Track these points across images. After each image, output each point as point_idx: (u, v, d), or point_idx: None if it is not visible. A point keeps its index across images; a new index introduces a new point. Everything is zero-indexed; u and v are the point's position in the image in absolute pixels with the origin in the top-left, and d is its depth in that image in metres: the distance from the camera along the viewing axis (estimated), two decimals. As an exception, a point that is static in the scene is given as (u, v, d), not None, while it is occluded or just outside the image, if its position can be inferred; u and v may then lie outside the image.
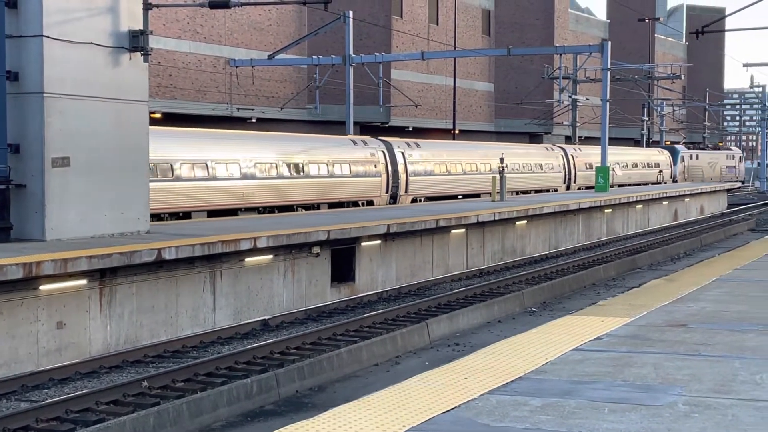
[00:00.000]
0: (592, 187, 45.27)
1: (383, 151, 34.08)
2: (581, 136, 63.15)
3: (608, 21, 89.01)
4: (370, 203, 32.77)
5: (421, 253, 23.86)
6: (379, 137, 36.08)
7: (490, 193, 36.91)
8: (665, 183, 60.94)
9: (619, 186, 52.00)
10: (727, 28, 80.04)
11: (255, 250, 17.81)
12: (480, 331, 17.67)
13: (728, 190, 58.57)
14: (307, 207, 29.54)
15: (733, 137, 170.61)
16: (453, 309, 18.98)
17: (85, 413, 11.53)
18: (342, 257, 20.81)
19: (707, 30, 29.58)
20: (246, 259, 17.91)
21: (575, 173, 49.18)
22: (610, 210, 37.02)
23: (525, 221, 29.31)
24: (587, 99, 60.89)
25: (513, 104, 63.12)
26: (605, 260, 28.69)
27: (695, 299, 11.41)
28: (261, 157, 27.85)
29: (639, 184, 55.48)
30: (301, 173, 29.41)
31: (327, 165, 30.70)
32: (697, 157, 73.45)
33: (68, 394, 12.42)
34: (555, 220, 31.77)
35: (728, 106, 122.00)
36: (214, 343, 16.15)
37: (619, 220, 38.43)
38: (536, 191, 44.12)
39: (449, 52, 51.30)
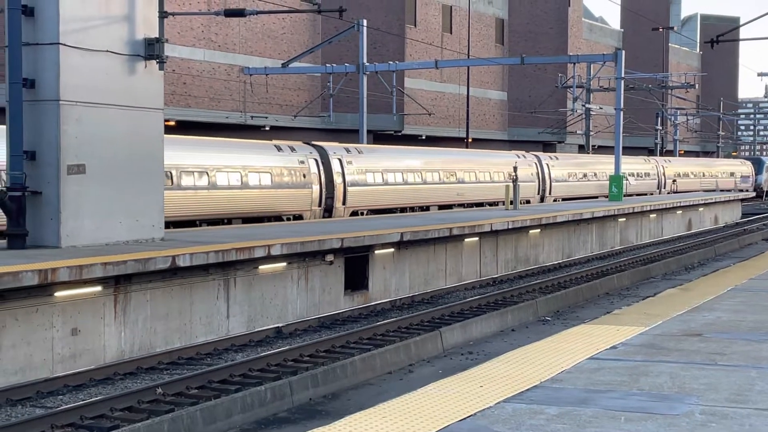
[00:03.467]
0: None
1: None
2: (595, 145, 63.08)
3: (622, 30, 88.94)
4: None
5: (435, 261, 23.84)
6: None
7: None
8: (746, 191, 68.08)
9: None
10: (741, 37, 79.84)
11: (269, 258, 17.84)
12: (493, 340, 17.63)
13: (742, 200, 58.37)
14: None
15: (747, 147, 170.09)
16: (466, 317, 18.95)
17: (99, 420, 11.55)
18: (355, 265, 20.81)
19: (721, 39, 29.53)
20: (260, 267, 17.93)
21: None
22: (624, 219, 36.93)
23: (538, 230, 29.27)
24: (601, 108, 60.85)
25: (526, 113, 63.13)
26: (619, 269, 28.61)
27: (710, 309, 11.37)
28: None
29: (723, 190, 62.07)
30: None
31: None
32: None
33: (83, 400, 12.44)
34: (568, 228, 31.71)
35: (742, 116, 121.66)
36: (228, 351, 16.16)
37: (633, 229, 38.34)
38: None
39: (463, 61, 51.33)
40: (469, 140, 55.62)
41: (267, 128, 47.53)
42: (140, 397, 12.35)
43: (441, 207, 36.91)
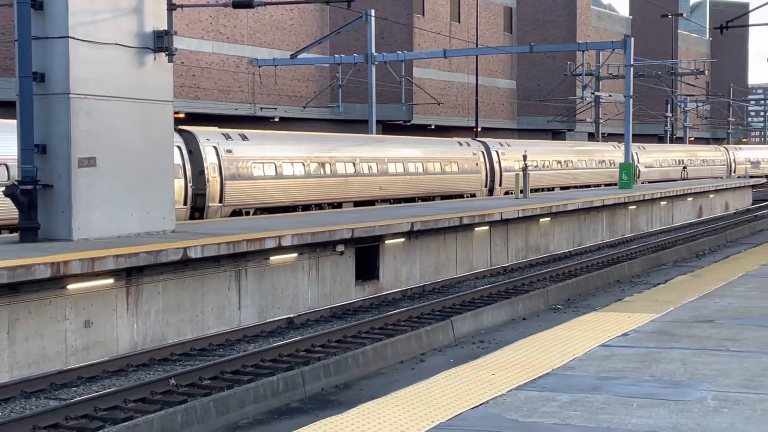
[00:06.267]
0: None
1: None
2: (604, 133, 62.92)
3: (631, 17, 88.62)
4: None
5: (445, 250, 23.85)
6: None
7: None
8: None
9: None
10: (750, 22, 79.49)
11: (280, 249, 17.87)
12: (505, 329, 17.64)
13: (753, 186, 58.27)
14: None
15: (757, 133, 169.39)
16: (477, 306, 18.96)
17: (113, 411, 11.62)
18: (366, 255, 20.84)
19: (731, 25, 29.42)
20: (271, 258, 17.97)
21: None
22: (634, 207, 36.87)
23: (549, 218, 29.25)
24: (610, 95, 60.66)
25: (535, 101, 62.98)
26: (630, 257, 28.57)
27: (722, 295, 11.36)
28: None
29: None
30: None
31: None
32: None
33: (96, 392, 12.51)
34: (579, 217, 31.67)
35: (752, 102, 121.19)
36: (240, 341, 16.21)
37: (643, 216, 38.27)
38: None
39: (471, 50, 51.23)
40: (479, 129, 55.54)
41: (276, 120, 47.56)
42: (153, 389, 12.41)
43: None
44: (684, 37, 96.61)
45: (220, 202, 26.23)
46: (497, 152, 40.85)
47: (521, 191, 33.68)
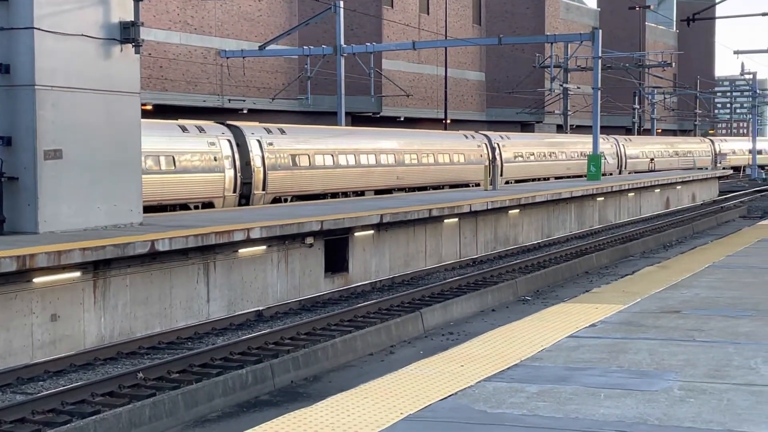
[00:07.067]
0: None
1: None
2: (573, 125, 63.24)
3: (599, 9, 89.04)
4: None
5: (414, 242, 23.88)
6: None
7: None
8: None
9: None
10: (717, 15, 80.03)
11: (248, 241, 17.81)
12: (474, 320, 17.70)
13: (719, 178, 58.82)
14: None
15: (724, 125, 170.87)
16: (447, 298, 19.00)
17: (81, 405, 11.54)
18: (335, 247, 20.82)
19: (698, 17, 29.63)
20: (239, 250, 17.91)
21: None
22: (602, 198, 37.08)
23: (517, 210, 29.35)
24: (578, 87, 60.97)
25: (504, 93, 63.15)
26: (598, 248, 28.75)
27: (689, 286, 11.45)
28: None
29: None
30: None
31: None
32: None
33: (64, 386, 12.41)
34: (547, 208, 31.81)
35: (719, 94, 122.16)
36: (209, 334, 16.15)
37: (612, 208, 38.50)
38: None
39: (440, 42, 51.25)
40: (448, 121, 55.62)
41: (245, 111, 47.37)
42: (121, 382, 12.34)
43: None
44: (651, 29, 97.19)
45: (263, 190, 28.97)
46: (498, 145, 44.02)
47: (491, 183, 33.78)
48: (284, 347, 14.84)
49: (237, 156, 27.90)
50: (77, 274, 14.50)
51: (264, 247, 18.53)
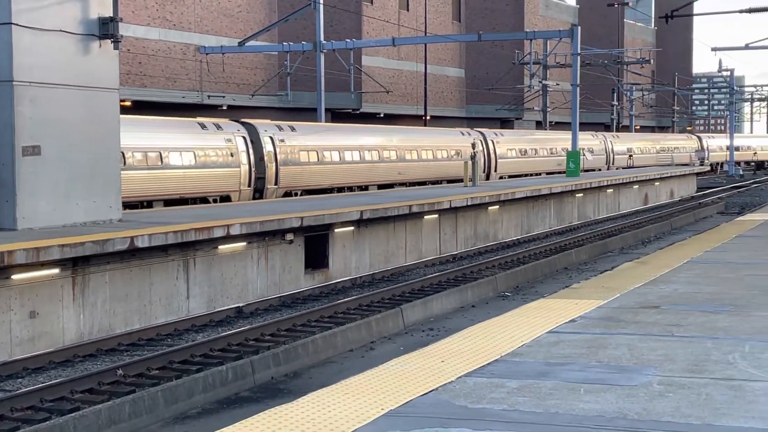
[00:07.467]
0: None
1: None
2: (552, 121, 63.43)
3: (578, 6, 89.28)
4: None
5: (395, 238, 23.90)
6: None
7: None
8: None
9: None
10: (695, 12, 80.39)
11: (228, 238, 17.78)
12: (454, 316, 17.73)
13: (698, 174, 59.17)
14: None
15: (701, 121, 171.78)
16: (427, 294, 19.02)
17: (60, 402, 11.49)
18: (316, 244, 20.80)
19: (676, 14, 29.78)
20: (219, 247, 17.87)
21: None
22: (582, 194, 37.21)
23: (497, 206, 29.41)
24: (558, 84, 61.14)
25: (484, 90, 63.24)
26: (577, 244, 28.84)
27: (667, 281, 11.51)
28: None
29: None
30: None
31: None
32: None
33: (43, 383, 12.35)
34: (527, 205, 31.89)
35: (697, 91, 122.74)
36: (189, 331, 16.11)
37: (590, 204, 38.65)
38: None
39: (420, 38, 51.28)
40: (427, 118, 55.65)
41: (224, 107, 47.23)
42: (101, 379, 12.29)
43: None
44: (630, 26, 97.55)
45: (276, 184, 30.35)
46: (493, 141, 45.50)
47: (470, 179, 33.84)
48: (264, 343, 14.82)
49: (251, 152, 29.28)
50: (56, 270, 14.43)
51: (244, 244, 18.50)
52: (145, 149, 25.59)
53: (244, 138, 29.22)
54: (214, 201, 27.50)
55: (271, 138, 30.38)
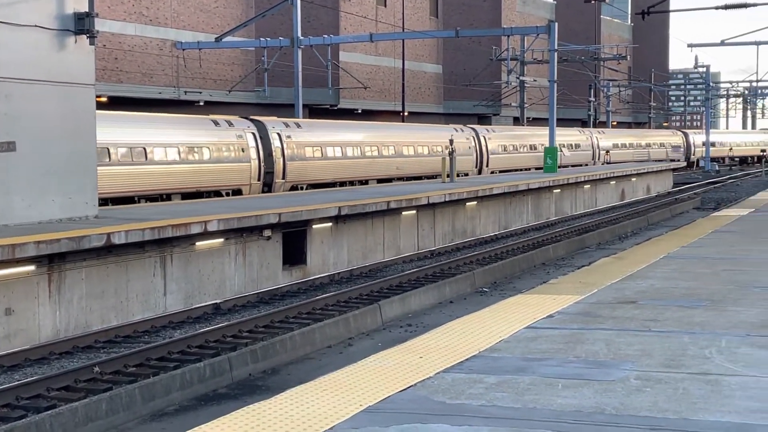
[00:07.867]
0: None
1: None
2: (529, 117, 63.57)
3: (555, 2, 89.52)
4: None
5: (373, 235, 23.89)
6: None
7: (390, 179, 36.31)
8: None
9: None
10: (671, 8, 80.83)
11: (206, 234, 17.71)
12: (432, 312, 17.74)
13: (674, 170, 59.50)
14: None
15: (677, 117, 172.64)
16: (405, 290, 19.03)
17: (36, 400, 11.41)
18: (293, 240, 20.77)
19: (652, 11, 29.89)
20: (197, 243, 17.80)
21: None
22: (559, 190, 37.33)
23: (475, 202, 29.46)
24: (535, 80, 61.28)
25: (462, 86, 63.30)
26: (555, 240, 28.94)
27: (644, 277, 11.56)
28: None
29: None
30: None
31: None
32: None
33: (18, 380, 12.26)
34: (504, 200, 31.96)
35: (673, 87, 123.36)
36: (166, 328, 16.05)
37: (568, 200, 38.78)
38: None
39: (397, 34, 51.28)
40: (405, 114, 55.67)
41: (201, 103, 47.06)
42: (77, 376, 12.22)
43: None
44: (607, 22, 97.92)
45: (283, 178, 31.95)
46: (484, 137, 47.08)
47: (448, 175, 33.88)
48: (242, 340, 14.78)
49: (261, 147, 30.85)
50: (32, 267, 14.34)
51: (221, 240, 18.44)
52: (164, 144, 26.89)
53: (253, 134, 30.72)
54: (227, 194, 28.79)
55: (279, 134, 31.91)
